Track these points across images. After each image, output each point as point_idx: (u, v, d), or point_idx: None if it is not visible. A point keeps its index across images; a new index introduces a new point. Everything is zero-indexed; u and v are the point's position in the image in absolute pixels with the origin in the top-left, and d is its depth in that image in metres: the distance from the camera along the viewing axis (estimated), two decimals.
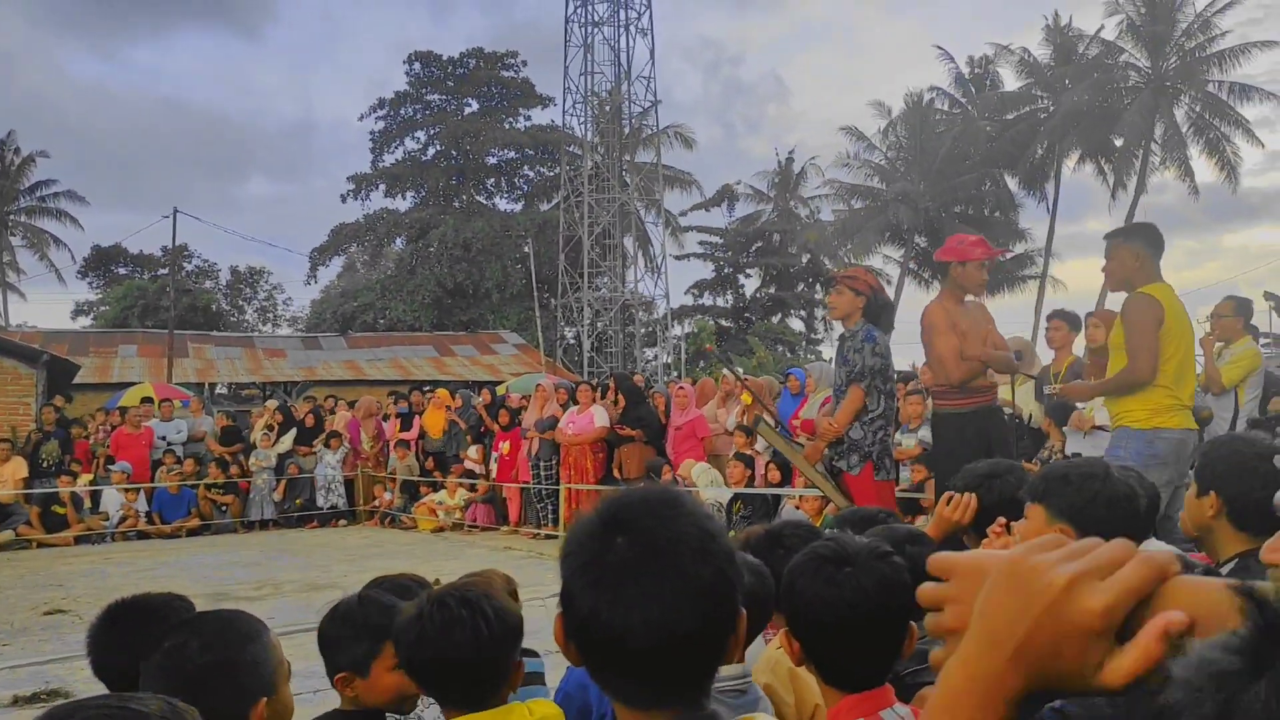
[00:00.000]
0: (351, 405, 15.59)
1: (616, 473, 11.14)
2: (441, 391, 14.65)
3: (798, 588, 1.79)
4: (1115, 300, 5.36)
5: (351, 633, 2.22)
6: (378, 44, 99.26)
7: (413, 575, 2.86)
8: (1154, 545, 2.91)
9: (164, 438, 14.16)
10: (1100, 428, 6.07)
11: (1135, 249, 4.89)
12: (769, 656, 2.37)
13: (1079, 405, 6.69)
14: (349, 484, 14.40)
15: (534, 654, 2.73)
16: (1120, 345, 4.84)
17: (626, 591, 1.11)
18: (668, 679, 1.14)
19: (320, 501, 14.11)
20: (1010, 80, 36.87)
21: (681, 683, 1.16)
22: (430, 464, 13.81)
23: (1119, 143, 33.15)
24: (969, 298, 5.77)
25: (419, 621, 1.88)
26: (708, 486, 9.57)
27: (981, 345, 5.58)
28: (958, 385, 5.46)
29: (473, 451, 13.25)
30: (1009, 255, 34.37)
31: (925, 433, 8.35)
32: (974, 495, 2.91)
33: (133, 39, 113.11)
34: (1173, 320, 4.76)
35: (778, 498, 9.18)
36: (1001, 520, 2.74)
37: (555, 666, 2.23)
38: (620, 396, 11.52)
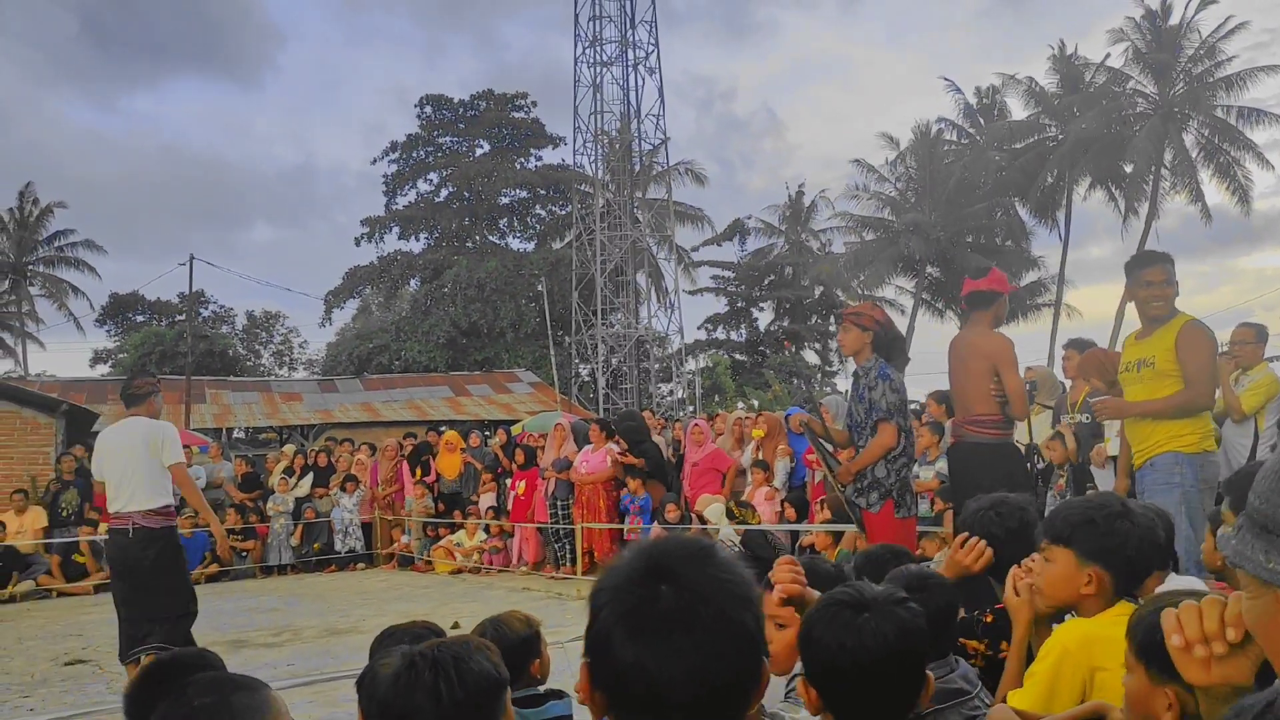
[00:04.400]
0: (372, 448, 15.56)
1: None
2: (451, 433, 14.66)
3: (816, 635, 1.78)
4: (1129, 328, 5.36)
5: None
6: (374, 89, 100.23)
7: (426, 623, 2.86)
8: (1178, 580, 2.88)
9: None
10: (1114, 458, 6.05)
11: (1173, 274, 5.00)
12: None
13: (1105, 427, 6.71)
14: (366, 527, 14.41)
15: (561, 695, 2.73)
16: (1168, 372, 4.85)
17: (675, 641, 1.09)
18: None
19: (338, 545, 14.11)
20: (1018, 110, 37.01)
21: None
22: (441, 506, 13.76)
23: (1129, 169, 33.09)
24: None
25: (393, 680, 1.82)
26: (725, 524, 9.50)
27: None
28: (1018, 418, 5.55)
29: (488, 495, 13.27)
30: (1018, 287, 34.43)
31: (943, 464, 8.28)
32: (988, 546, 2.92)
33: (131, 88, 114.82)
34: None
35: (794, 534, 9.14)
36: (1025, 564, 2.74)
37: (581, 708, 2.22)
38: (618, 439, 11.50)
